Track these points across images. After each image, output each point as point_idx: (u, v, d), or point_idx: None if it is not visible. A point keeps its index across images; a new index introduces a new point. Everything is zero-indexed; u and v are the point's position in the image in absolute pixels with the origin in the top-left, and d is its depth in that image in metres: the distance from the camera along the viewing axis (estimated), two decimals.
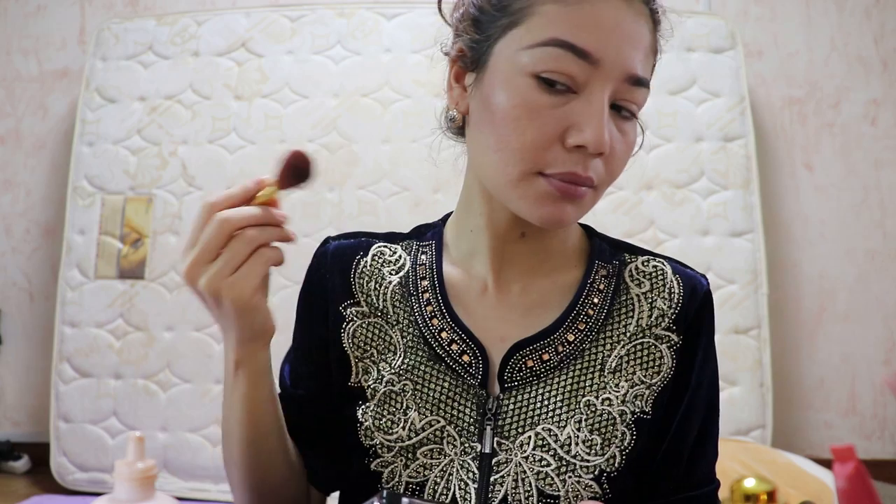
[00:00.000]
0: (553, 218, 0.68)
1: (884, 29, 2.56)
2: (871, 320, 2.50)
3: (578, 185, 0.67)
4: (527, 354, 0.73)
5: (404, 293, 0.78)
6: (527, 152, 0.66)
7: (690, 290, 0.77)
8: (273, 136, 2.42)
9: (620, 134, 0.69)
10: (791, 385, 2.48)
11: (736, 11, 2.58)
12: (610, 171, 0.69)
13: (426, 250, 0.81)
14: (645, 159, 2.34)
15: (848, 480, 0.45)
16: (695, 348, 0.76)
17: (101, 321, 2.36)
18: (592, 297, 0.76)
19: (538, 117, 0.66)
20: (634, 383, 0.73)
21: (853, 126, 2.55)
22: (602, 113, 0.65)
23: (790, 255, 2.53)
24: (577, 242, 0.80)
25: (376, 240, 0.83)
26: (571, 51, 0.65)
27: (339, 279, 0.80)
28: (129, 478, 0.55)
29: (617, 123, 0.68)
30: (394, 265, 0.80)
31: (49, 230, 2.65)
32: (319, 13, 2.50)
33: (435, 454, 0.72)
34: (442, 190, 2.34)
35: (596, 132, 0.65)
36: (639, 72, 0.67)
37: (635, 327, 0.75)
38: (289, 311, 0.89)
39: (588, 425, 0.71)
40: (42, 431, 2.45)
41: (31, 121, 2.69)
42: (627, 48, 0.66)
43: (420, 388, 0.74)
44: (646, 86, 0.69)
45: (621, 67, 0.66)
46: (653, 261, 0.79)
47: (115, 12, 2.68)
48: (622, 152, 0.69)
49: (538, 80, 0.66)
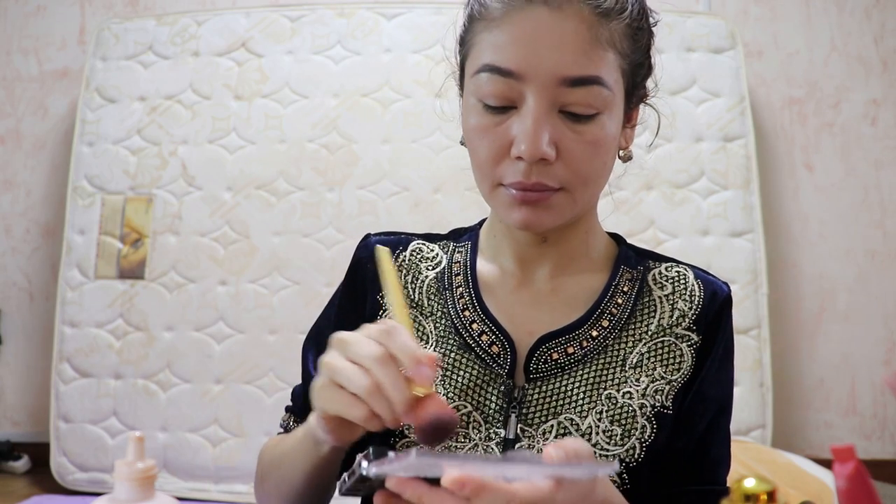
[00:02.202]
0: (525, 222, 0.73)
1: (884, 29, 2.56)
2: (871, 320, 2.50)
3: (529, 191, 0.71)
4: (552, 347, 0.77)
5: (439, 287, 0.82)
6: (486, 168, 0.74)
7: (711, 294, 0.81)
8: (273, 136, 2.42)
9: (576, 134, 0.71)
10: (791, 385, 2.48)
11: (736, 11, 2.58)
12: (573, 171, 0.72)
13: (462, 250, 0.85)
14: (645, 159, 2.34)
15: (848, 480, 0.45)
16: (713, 347, 0.79)
17: (101, 321, 2.36)
18: (616, 297, 0.80)
19: (487, 136, 0.73)
20: (655, 378, 0.77)
21: (853, 126, 2.55)
22: (532, 123, 0.69)
23: (790, 255, 2.53)
24: (604, 250, 0.84)
25: (415, 238, 0.87)
26: (497, 73, 0.70)
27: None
28: (129, 478, 0.55)
29: (570, 126, 0.71)
30: (431, 262, 0.85)
31: (49, 230, 2.65)
32: (319, 13, 2.50)
33: (460, 438, 0.75)
34: (442, 190, 2.34)
35: (526, 142, 0.69)
36: (572, 72, 0.69)
37: (657, 326, 0.79)
38: (289, 311, 0.89)
39: (609, 417, 0.75)
40: (42, 431, 2.45)
41: (31, 121, 2.69)
42: (553, 54, 0.69)
43: (449, 375, 0.78)
44: (590, 83, 0.70)
45: (549, 74, 0.69)
46: (676, 266, 0.84)
47: (115, 12, 2.68)
48: (581, 152, 0.72)
49: (482, 104, 0.73)
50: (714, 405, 0.78)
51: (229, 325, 2.34)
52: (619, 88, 0.74)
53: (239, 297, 2.34)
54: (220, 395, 2.30)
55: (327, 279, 2.29)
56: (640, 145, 0.83)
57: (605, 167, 0.76)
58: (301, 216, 2.36)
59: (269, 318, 2.32)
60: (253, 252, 2.36)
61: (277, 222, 2.37)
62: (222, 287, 2.36)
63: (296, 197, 2.38)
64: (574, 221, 0.80)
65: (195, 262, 2.37)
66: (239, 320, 2.33)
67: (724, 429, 0.80)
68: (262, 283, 2.34)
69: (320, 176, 2.39)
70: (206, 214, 2.39)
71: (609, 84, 0.71)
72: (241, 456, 2.26)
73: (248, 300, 2.34)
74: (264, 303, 2.33)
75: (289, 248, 2.34)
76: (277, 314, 2.32)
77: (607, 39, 0.71)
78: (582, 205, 0.76)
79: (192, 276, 2.37)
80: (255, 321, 2.33)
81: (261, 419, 2.27)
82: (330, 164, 2.39)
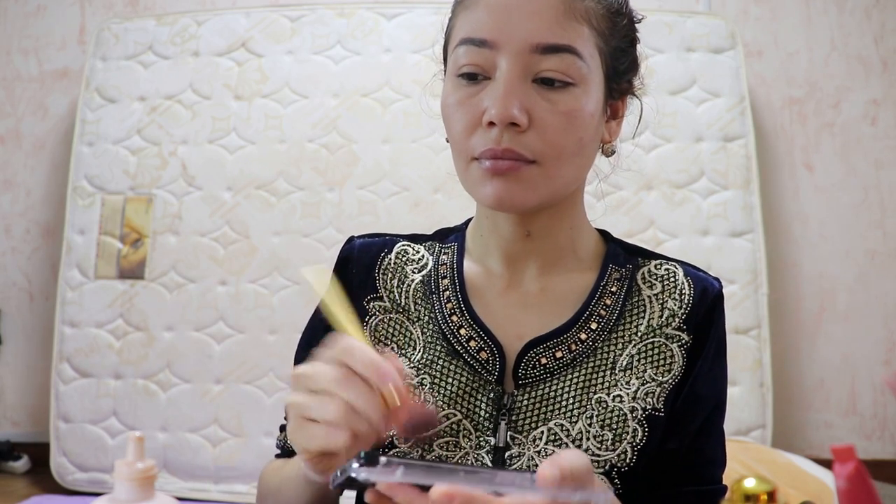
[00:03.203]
0: (496, 196, 0.71)
1: (884, 29, 2.56)
2: (871, 320, 2.50)
3: (500, 160, 0.70)
4: (541, 352, 0.76)
5: (426, 291, 0.81)
6: (461, 142, 0.73)
7: (701, 291, 0.79)
8: (273, 136, 2.42)
9: (549, 104, 0.71)
10: (791, 385, 2.48)
11: (736, 11, 2.58)
12: (547, 141, 0.71)
13: (448, 251, 0.83)
14: (645, 159, 2.33)
15: (848, 480, 0.45)
16: (704, 346, 0.78)
17: (101, 321, 2.36)
18: (605, 298, 0.78)
19: (462, 107, 0.73)
20: (645, 381, 0.75)
21: (853, 126, 2.55)
22: (504, 86, 0.69)
23: (790, 255, 2.53)
24: (592, 247, 0.82)
25: (400, 239, 0.85)
26: (472, 44, 0.71)
27: (364, 274, 0.83)
28: (128, 478, 0.55)
29: (544, 94, 0.71)
30: (416, 264, 0.83)
31: (49, 230, 2.65)
32: (319, 13, 2.50)
33: (451, 447, 0.74)
34: (442, 190, 2.34)
35: (497, 105, 0.69)
36: (545, 39, 0.70)
37: (646, 327, 0.78)
38: (289, 311, 0.89)
39: (599, 421, 0.73)
40: (42, 431, 2.45)
41: (31, 121, 2.69)
42: (524, 22, 0.70)
43: (438, 382, 0.76)
44: (563, 51, 0.70)
45: (521, 41, 0.70)
46: (665, 264, 0.82)
47: (115, 12, 2.68)
48: (555, 122, 0.71)
49: (459, 78, 0.73)
50: (708, 404, 0.77)
51: (229, 325, 2.34)
52: (595, 66, 0.73)
53: (239, 297, 2.34)
54: (220, 395, 2.30)
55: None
56: (641, 145, 0.83)
57: (581, 144, 0.73)
58: (301, 216, 2.36)
59: (269, 318, 2.32)
60: (253, 252, 2.36)
61: (277, 222, 2.37)
62: (222, 287, 2.36)
63: (296, 197, 2.38)
64: (558, 215, 0.78)
65: (195, 262, 2.37)
66: (239, 320, 2.33)
67: (719, 427, 0.79)
68: (262, 283, 2.34)
69: (320, 176, 2.39)
70: (206, 214, 2.39)
71: (584, 56, 0.71)
72: (240, 456, 2.26)
73: (248, 300, 2.34)
74: (264, 303, 2.33)
75: (289, 248, 2.34)
76: (277, 314, 2.32)
77: (582, 14, 0.71)
78: (558, 183, 0.73)
79: (192, 276, 2.37)
80: (255, 321, 2.33)
81: (261, 419, 2.27)
82: (330, 164, 2.39)
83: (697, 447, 0.76)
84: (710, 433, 0.77)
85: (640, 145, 2.34)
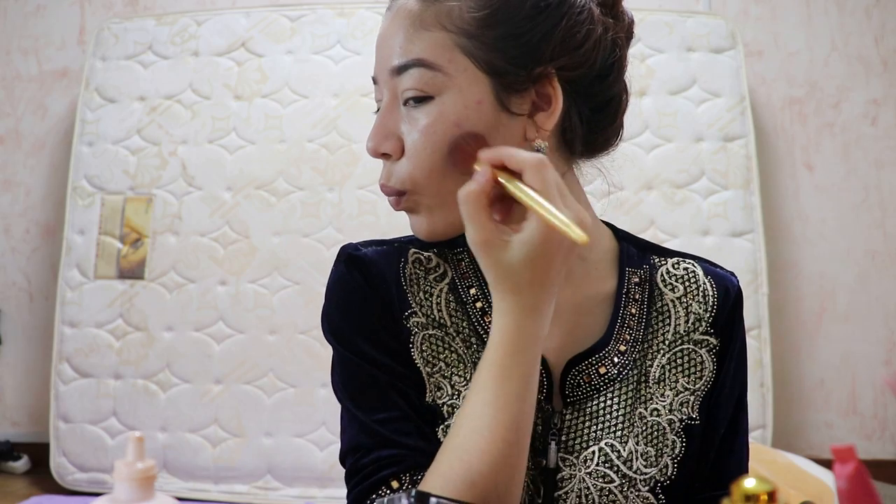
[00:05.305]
0: (414, 232, 0.74)
1: (884, 29, 2.56)
2: (871, 320, 2.50)
3: (389, 196, 0.72)
4: (583, 369, 0.72)
5: (457, 301, 0.74)
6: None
7: (724, 292, 0.78)
8: (273, 136, 2.42)
9: (412, 124, 0.70)
10: (791, 385, 2.48)
11: (736, 11, 2.58)
12: (414, 164, 0.69)
13: (462, 257, 0.76)
14: (645, 159, 2.33)
15: (848, 481, 0.45)
16: (730, 348, 0.76)
17: (100, 321, 2.36)
18: (630, 307, 0.75)
19: None
20: (679, 391, 0.74)
21: (853, 126, 2.55)
22: (376, 119, 0.71)
23: (790, 255, 2.53)
24: (605, 245, 0.78)
25: (405, 244, 0.77)
26: (374, 82, 0.74)
27: (395, 288, 0.73)
28: (128, 478, 0.55)
29: (410, 116, 0.70)
30: (435, 272, 0.75)
31: (49, 230, 2.65)
32: (319, 13, 2.49)
33: None
34: None
35: (367, 140, 0.72)
36: (394, 61, 0.70)
37: (673, 334, 0.75)
38: (289, 311, 0.88)
39: (644, 438, 0.71)
40: (42, 431, 2.45)
41: (31, 121, 2.69)
42: (383, 50, 0.72)
43: None
44: (410, 66, 0.69)
45: (384, 71, 0.71)
46: (683, 262, 0.79)
47: (114, 12, 2.68)
48: (417, 141, 0.69)
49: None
50: (733, 403, 0.75)
51: (229, 325, 2.34)
52: (461, 67, 0.68)
53: (239, 297, 2.34)
54: (220, 395, 2.30)
55: (327, 279, 2.28)
56: (641, 145, 0.82)
57: (445, 160, 0.68)
58: (301, 216, 2.36)
59: (269, 318, 2.32)
60: (253, 252, 2.36)
61: (277, 222, 2.37)
62: (222, 287, 2.36)
63: (296, 197, 2.38)
64: None
65: (195, 262, 2.37)
66: (239, 320, 2.33)
67: (744, 426, 0.77)
68: (262, 283, 2.34)
69: (320, 176, 2.39)
70: (205, 214, 2.39)
71: (436, 64, 0.68)
72: (240, 456, 2.26)
73: (248, 300, 2.34)
74: (264, 303, 2.33)
75: (289, 248, 2.34)
76: (277, 314, 2.32)
77: (432, 20, 0.69)
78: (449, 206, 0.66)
79: (192, 276, 2.37)
80: (255, 321, 2.33)
81: (260, 419, 2.27)
82: (330, 164, 2.39)
83: (726, 449, 0.75)
84: (737, 433, 0.76)
85: (640, 145, 2.34)
